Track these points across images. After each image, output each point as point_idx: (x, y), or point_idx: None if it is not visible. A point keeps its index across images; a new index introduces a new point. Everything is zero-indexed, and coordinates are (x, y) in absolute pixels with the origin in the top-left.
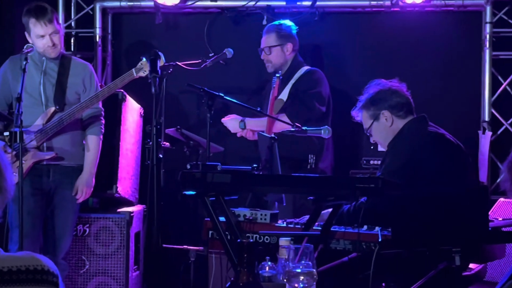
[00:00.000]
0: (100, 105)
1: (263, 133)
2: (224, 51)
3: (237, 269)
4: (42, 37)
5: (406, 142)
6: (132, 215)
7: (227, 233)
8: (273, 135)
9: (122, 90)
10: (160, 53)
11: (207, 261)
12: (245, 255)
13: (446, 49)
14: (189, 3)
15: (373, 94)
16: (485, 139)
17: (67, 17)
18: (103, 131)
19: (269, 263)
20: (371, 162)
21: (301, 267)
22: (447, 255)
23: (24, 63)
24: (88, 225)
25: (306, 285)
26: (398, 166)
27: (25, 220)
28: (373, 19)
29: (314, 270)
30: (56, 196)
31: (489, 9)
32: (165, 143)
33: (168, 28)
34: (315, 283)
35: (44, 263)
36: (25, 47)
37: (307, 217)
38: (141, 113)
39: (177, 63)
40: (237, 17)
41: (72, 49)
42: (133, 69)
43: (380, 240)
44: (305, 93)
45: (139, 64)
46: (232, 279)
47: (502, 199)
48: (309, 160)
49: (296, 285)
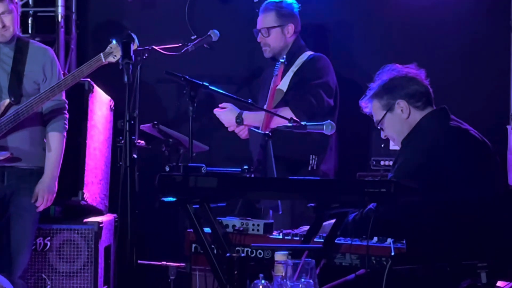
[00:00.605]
0: (63, 97)
1: (255, 129)
2: (208, 33)
3: None
4: None
5: (423, 138)
6: (101, 226)
7: (213, 246)
8: (267, 132)
9: (88, 79)
10: (133, 35)
11: (190, 279)
12: (235, 272)
13: (469, 31)
14: None
15: (387, 80)
16: None
17: None
18: (67, 127)
19: (263, 281)
20: (382, 163)
21: (300, 286)
22: (471, 272)
23: None
24: (49, 238)
25: None
26: (414, 166)
27: None
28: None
29: None
30: (11, 204)
31: None
32: (140, 141)
33: (143, 6)
34: None
35: None
36: None
37: (307, 228)
38: (111, 106)
39: (154, 47)
40: None
41: (29, 31)
42: (101, 54)
43: (392, 254)
44: (311, 84)
45: (109, 47)
46: None
47: None
48: (310, 161)
49: None
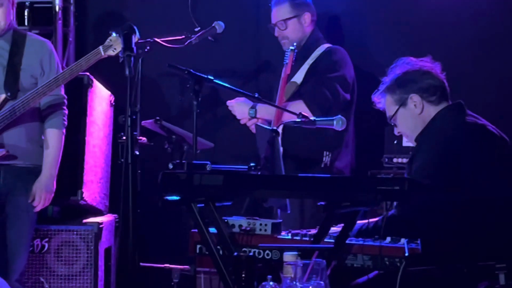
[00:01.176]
0: (62, 92)
1: (262, 125)
2: (213, 25)
3: None
4: None
5: (439, 134)
6: (101, 226)
7: (219, 247)
8: (275, 127)
9: (87, 73)
10: (134, 27)
11: (194, 282)
12: (242, 274)
13: (485, 22)
14: None
15: (400, 74)
16: None
17: None
18: (65, 123)
19: (272, 283)
20: (395, 160)
21: (310, 287)
22: (489, 273)
23: None
24: (47, 240)
25: None
26: (429, 164)
27: None
28: None
29: None
30: (8, 204)
31: None
32: (141, 137)
33: None
34: None
35: None
36: None
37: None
38: (111, 101)
39: (156, 39)
40: None
41: (26, 24)
42: (101, 47)
43: (407, 254)
44: (327, 77)
45: (108, 40)
46: None
47: None
48: (324, 157)
49: None
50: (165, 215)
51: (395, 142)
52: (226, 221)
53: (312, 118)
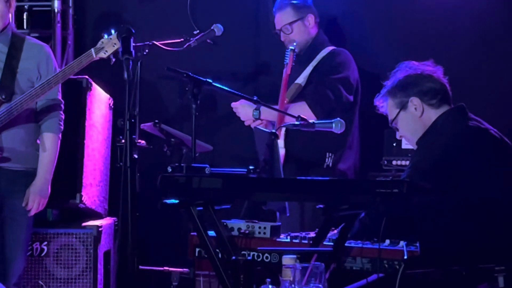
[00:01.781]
0: (59, 96)
1: (261, 128)
2: (212, 28)
3: None
4: None
5: (440, 138)
6: (100, 230)
7: (218, 250)
8: (274, 130)
9: (86, 76)
10: (133, 30)
11: (193, 285)
12: (241, 277)
13: (486, 24)
14: None
15: (401, 78)
16: None
17: None
18: (62, 127)
19: (270, 286)
20: (394, 162)
21: None
22: (488, 276)
23: None
24: (46, 243)
25: None
26: (429, 166)
27: None
28: None
29: None
30: (4, 207)
31: None
32: (140, 141)
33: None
34: None
35: None
36: None
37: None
38: (110, 104)
39: (154, 42)
40: None
41: (25, 27)
42: (92, 49)
43: (405, 257)
44: (330, 78)
45: (100, 42)
46: None
47: None
48: (326, 159)
49: None
50: (164, 218)
51: (394, 144)
52: (225, 224)
53: (311, 121)
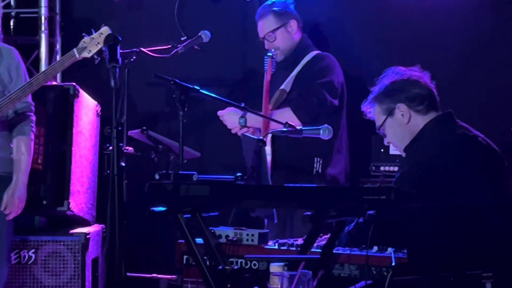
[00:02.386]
0: (29, 99)
1: (248, 134)
2: (199, 34)
3: None
4: None
5: (428, 146)
6: (88, 237)
7: (205, 258)
8: (261, 137)
9: (74, 83)
10: (119, 38)
11: None
12: (229, 285)
13: (474, 30)
14: None
15: (388, 84)
16: None
17: None
18: (34, 130)
19: None
20: (382, 168)
21: None
22: (476, 282)
23: None
24: (34, 250)
25: None
26: (418, 175)
27: None
28: None
29: None
30: None
31: None
32: (128, 148)
33: (130, 6)
34: None
35: None
36: None
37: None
38: (98, 111)
39: (142, 49)
40: None
41: (11, 33)
42: (75, 49)
43: (393, 264)
44: (314, 83)
45: (81, 42)
46: None
47: None
48: (315, 164)
49: None
50: (152, 225)
51: (382, 150)
52: (213, 231)
53: (298, 127)
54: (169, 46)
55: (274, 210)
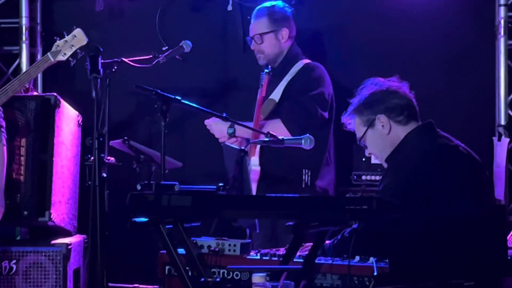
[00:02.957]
0: None
1: (229, 145)
2: (180, 44)
3: None
4: None
5: (409, 157)
6: (69, 247)
7: (187, 268)
8: (243, 147)
9: (55, 93)
10: (100, 49)
11: None
12: None
13: (452, 39)
14: None
15: (367, 95)
16: (501, 147)
17: None
18: (5, 135)
19: None
20: (363, 177)
21: None
22: None
23: None
24: (15, 261)
25: None
26: (400, 188)
27: None
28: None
29: None
30: None
31: None
32: (109, 158)
33: (111, 16)
34: None
35: None
36: None
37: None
38: (79, 121)
39: (123, 59)
40: (196, 2)
41: None
42: (49, 53)
43: (375, 273)
44: (305, 95)
45: (55, 46)
46: None
47: None
48: (303, 176)
49: None
50: (134, 235)
51: (363, 160)
52: (195, 242)
53: (280, 137)
54: (151, 56)
55: (256, 220)
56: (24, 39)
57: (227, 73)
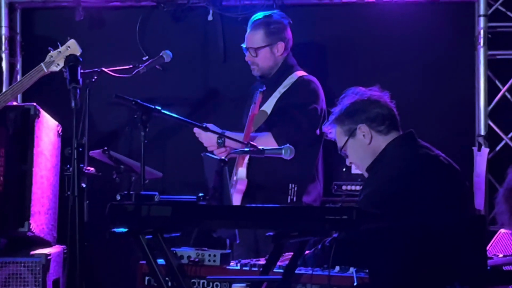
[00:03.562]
0: None
1: (209, 155)
2: (161, 54)
3: None
4: None
5: (390, 167)
6: (49, 258)
7: (167, 279)
8: (223, 157)
9: (34, 103)
10: (80, 59)
11: None
12: None
13: (432, 49)
14: None
15: (348, 105)
16: (481, 157)
17: None
18: None
19: None
20: (344, 187)
21: None
22: None
23: None
24: None
25: None
26: (380, 197)
27: None
28: (343, 13)
29: None
30: None
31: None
32: (89, 168)
33: (91, 26)
34: None
35: None
36: None
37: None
38: (59, 131)
39: (103, 69)
40: (176, 12)
41: None
42: (42, 64)
43: (355, 284)
44: (298, 110)
45: (48, 57)
46: None
47: (503, 231)
48: (289, 190)
49: None
50: (114, 246)
51: (344, 169)
52: (174, 252)
53: (260, 147)
54: (131, 66)
55: (236, 230)
56: (3, 49)
57: (207, 83)
